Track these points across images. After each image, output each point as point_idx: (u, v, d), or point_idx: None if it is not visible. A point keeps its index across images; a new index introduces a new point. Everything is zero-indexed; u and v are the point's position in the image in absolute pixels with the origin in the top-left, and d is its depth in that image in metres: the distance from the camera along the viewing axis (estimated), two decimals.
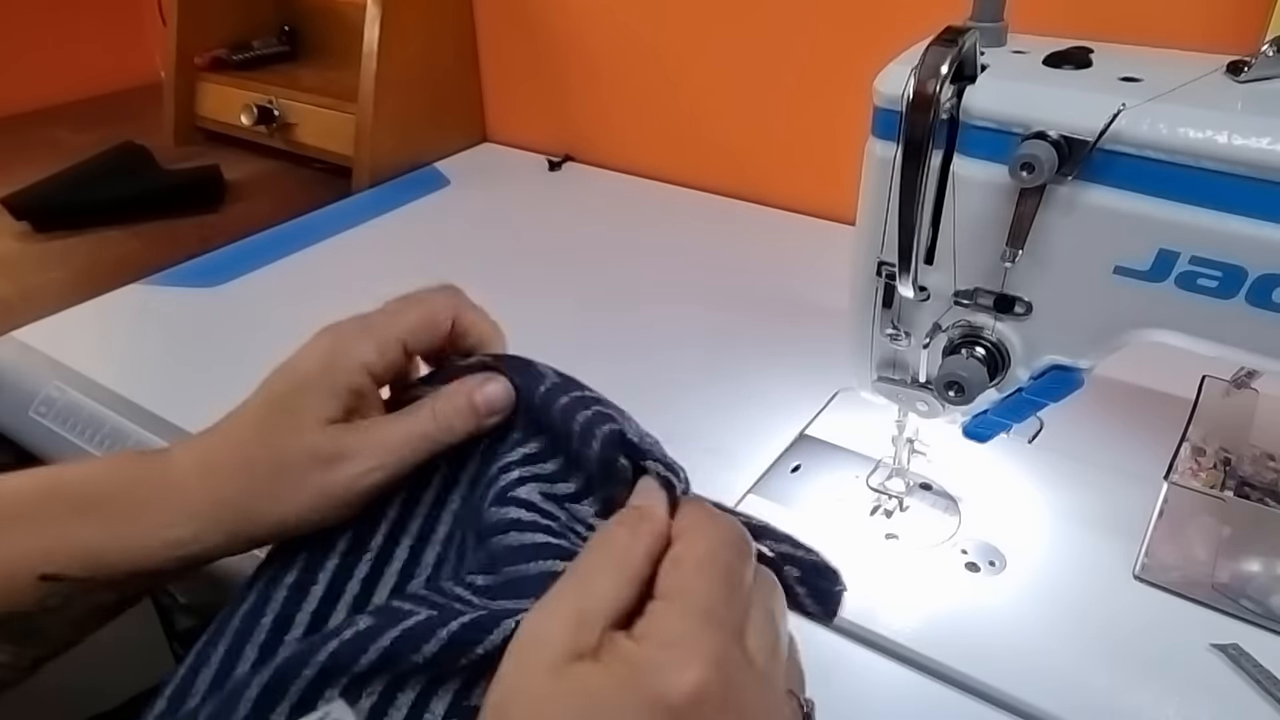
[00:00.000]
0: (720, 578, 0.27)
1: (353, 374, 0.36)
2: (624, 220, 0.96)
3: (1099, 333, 0.40)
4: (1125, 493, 0.52)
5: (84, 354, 0.71)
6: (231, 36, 1.19)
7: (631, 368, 0.69)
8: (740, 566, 0.28)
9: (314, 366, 0.36)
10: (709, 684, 0.24)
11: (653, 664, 0.25)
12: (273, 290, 0.82)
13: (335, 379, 0.36)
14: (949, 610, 0.47)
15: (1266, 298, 0.35)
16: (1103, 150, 0.35)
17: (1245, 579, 0.47)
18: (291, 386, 0.36)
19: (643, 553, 0.28)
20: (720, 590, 0.27)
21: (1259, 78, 0.36)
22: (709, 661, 0.25)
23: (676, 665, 0.24)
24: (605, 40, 1.03)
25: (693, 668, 0.24)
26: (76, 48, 1.38)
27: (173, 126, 1.19)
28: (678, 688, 0.24)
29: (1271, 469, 0.52)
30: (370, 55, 1.00)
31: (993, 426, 0.47)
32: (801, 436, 0.59)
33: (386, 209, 0.97)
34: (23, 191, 0.95)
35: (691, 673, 0.24)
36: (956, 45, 0.36)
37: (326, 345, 0.36)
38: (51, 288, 0.84)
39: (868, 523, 0.52)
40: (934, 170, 0.39)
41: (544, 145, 1.12)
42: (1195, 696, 0.42)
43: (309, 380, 0.36)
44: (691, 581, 0.27)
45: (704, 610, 0.26)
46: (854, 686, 0.44)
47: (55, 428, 0.66)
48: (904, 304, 0.44)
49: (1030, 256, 0.39)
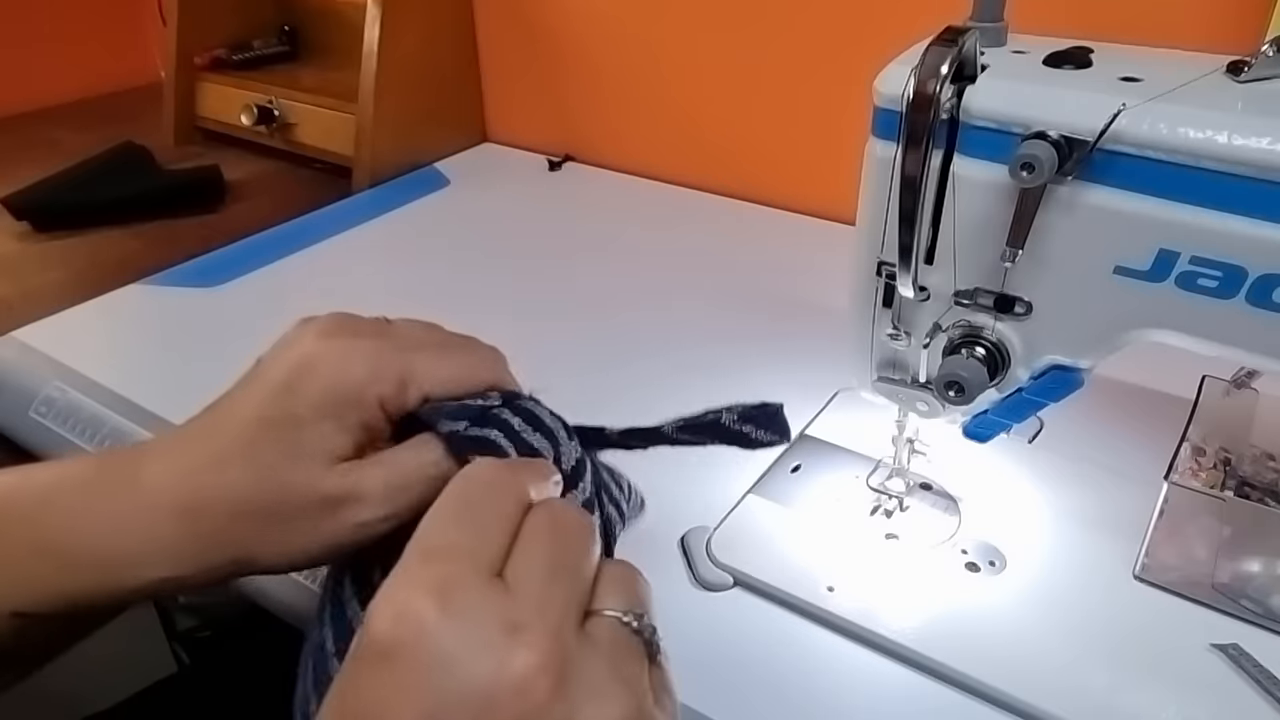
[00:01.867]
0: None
1: (366, 410, 0.32)
2: (624, 220, 0.96)
3: (1099, 333, 0.40)
4: (1125, 493, 0.52)
5: (84, 354, 0.71)
6: (231, 36, 1.19)
7: (631, 367, 0.69)
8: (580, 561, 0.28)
9: (318, 394, 0.32)
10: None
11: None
12: (273, 290, 0.82)
13: (346, 413, 0.32)
14: (949, 610, 0.47)
15: (1266, 298, 0.35)
16: (1103, 150, 0.35)
17: (1245, 579, 0.47)
18: (290, 412, 0.32)
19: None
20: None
21: (1259, 78, 0.36)
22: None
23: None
24: (605, 40, 1.03)
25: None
26: (76, 48, 1.38)
27: (173, 126, 1.19)
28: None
29: (1271, 469, 0.52)
30: (370, 55, 1.00)
31: (993, 426, 0.47)
32: (801, 436, 0.59)
33: (386, 209, 0.97)
34: (23, 191, 0.95)
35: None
36: (956, 45, 0.36)
37: (334, 367, 0.32)
38: (51, 288, 0.84)
39: (868, 523, 0.52)
40: (934, 170, 0.39)
41: (544, 145, 1.12)
42: (1195, 696, 0.42)
43: (311, 409, 0.32)
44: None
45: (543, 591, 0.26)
46: (854, 686, 0.44)
47: (55, 428, 0.66)
48: (904, 304, 0.44)
49: (1030, 256, 0.39)
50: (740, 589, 0.49)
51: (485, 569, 0.26)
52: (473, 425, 0.33)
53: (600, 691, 0.25)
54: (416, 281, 0.83)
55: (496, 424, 0.33)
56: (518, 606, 0.25)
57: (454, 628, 0.24)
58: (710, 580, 0.49)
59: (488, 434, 0.33)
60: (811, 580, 0.48)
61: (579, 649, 0.25)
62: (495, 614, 0.25)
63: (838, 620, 0.47)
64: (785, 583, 0.48)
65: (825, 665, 0.45)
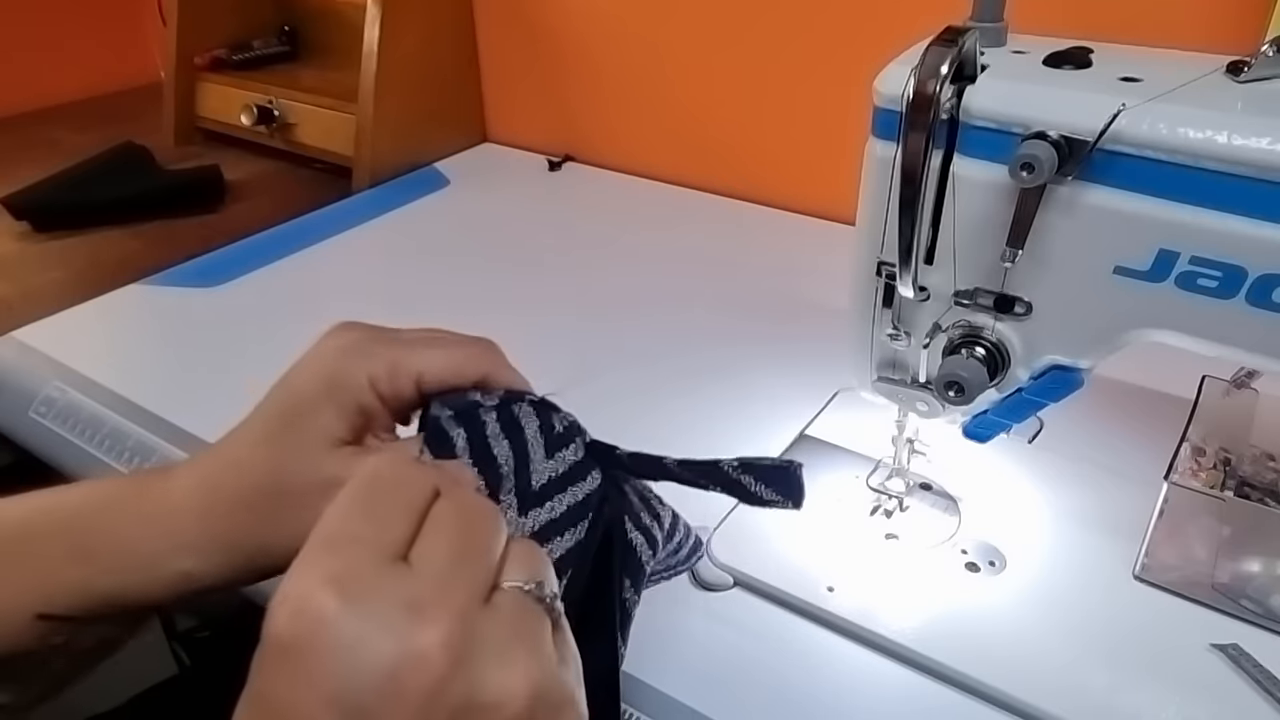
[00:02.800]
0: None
1: (359, 391, 0.33)
2: (624, 220, 0.96)
3: (1099, 333, 0.40)
4: (1125, 493, 0.52)
5: (84, 354, 0.71)
6: (231, 36, 1.19)
7: (631, 367, 0.69)
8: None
9: (316, 382, 0.33)
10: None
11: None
12: (273, 290, 0.82)
13: (340, 396, 0.33)
14: (949, 610, 0.47)
15: (1266, 298, 0.35)
16: (1103, 150, 0.35)
17: (1245, 579, 0.47)
18: (293, 403, 0.34)
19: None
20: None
21: (1259, 78, 0.36)
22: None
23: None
24: (605, 40, 1.03)
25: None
26: (76, 48, 1.38)
27: (173, 126, 1.19)
28: None
29: (1271, 469, 0.52)
30: (370, 55, 1.00)
31: (993, 426, 0.47)
32: (801, 436, 0.59)
33: (386, 209, 0.97)
34: (23, 191, 0.95)
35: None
36: (956, 45, 0.36)
37: (330, 358, 0.34)
38: (51, 288, 0.84)
39: (868, 523, 0.52)
40: (934, 170, 0.39)
41: (544, 145, 1.12)
42: (1195, 696, 0.42)
43: (311, 397, 0.33)
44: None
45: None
46: (854, 686, 0.44)
47: (55, 428, 0.66)
48: (904, 304, 0.44)
49: (1030, 256, 0.39)
50: (740, 589, 0.49)
51: (386, 555, 0.26)
52: (454, 418, 0.33)
53: (505, 657, 0.25)
54: (416, 281, 0.83)
55: (469, 424, 0.33)
56: (419, 586, 0.25)
57: (354, 613, 0.24)
58: (710, 580, 0.49)
59: (454, 434, 0.33)
60: (811, 580, 0.48)
61: (482, 620, 0.26)
62: (396, 596, 0.25)
63: (838, 620, 0.47)
64: (785, 583, 0.48)
65: (825, 665, 0.45)
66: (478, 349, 0.36)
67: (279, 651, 0.25)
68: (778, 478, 0.33)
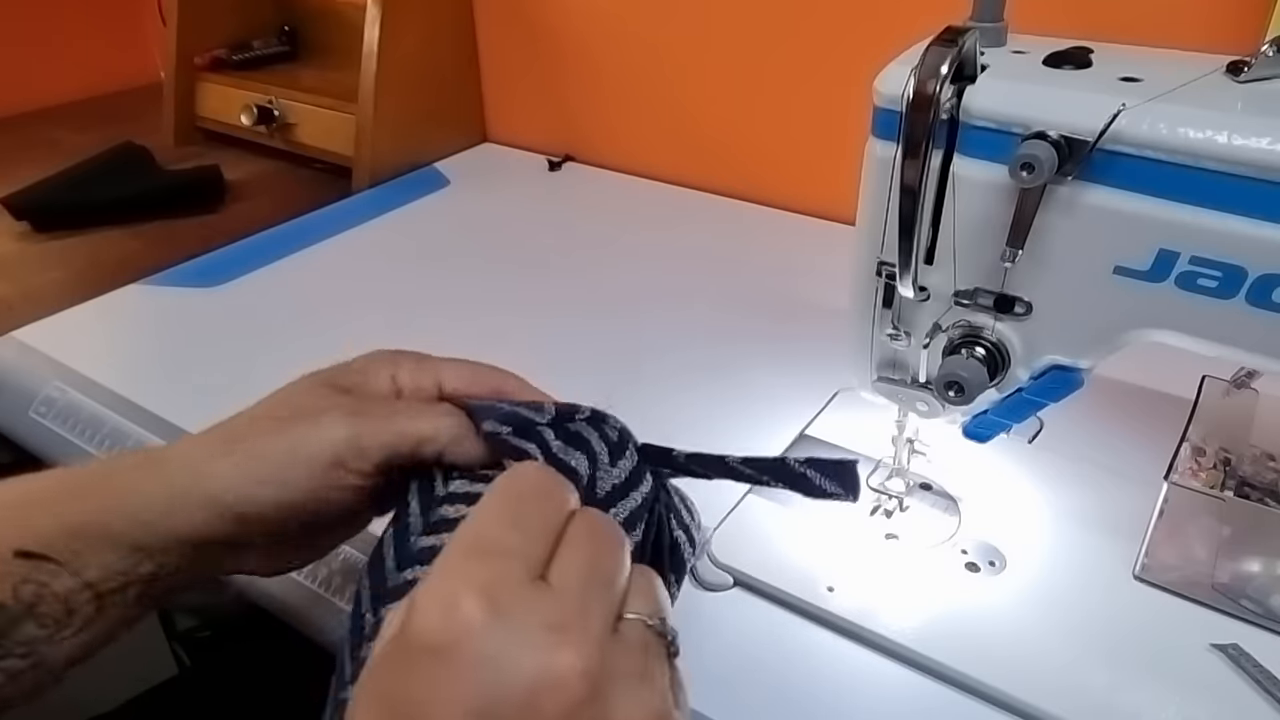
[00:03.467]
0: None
1: (376, 456, 0.35)
2: (624, 220, 0.96)
3: (1099, 333, 0.40)
4: (1125, 493, 0.52)
5: (84, 354, 0.71)
6: (231, 36, 1.19)
7: (631, 367, 0.69)
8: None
9: (328, 456, 0.35)
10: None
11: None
12: (273, 290, 0.82)
13: (354, 467, 0.35)
14: (949, 610, 0.47)
15: (1266, 298, 0.35)
16: (1103, 150, 0.35)
17: (1245, 579, 0.47)
18: (300, 456, 0.35)
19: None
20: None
21: (1259, 78, 0.36)
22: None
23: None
24: (605, 40, 1.03)
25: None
26: (76, 48, 1.38)
27: (173, 126, 1.19)
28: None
29: (1271, 469, 0.52)
30: (370, 55, 1.00)
31: (993, 426, 0.47)
32: (801, 436, 0.59)
33: (386, 209, 0.97)
34: (23, 191, 0.95)
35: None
36: (956, 45, 0.36)
37: (345, 435, 0.35)
38: (51, 288, 0.84)
39: (868, 523, 0.52)
40: (934, 170, 0.39)
41: (544, 145, 1.12)
42: (1195, 696, 0.42)
43: (321, 459, 0.35)
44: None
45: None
46: (854, 686, 0.44)
47: (55, 428, 0.66)
48: (904, 304, 0.44)
49: (1030, 256, 0.39)
50: (740, 589, 0.49)
51: (531, 570, 0.27)
52: (515, 434, 0.34)
53: (631, 691, 0.26)
54: (416, 282, 0.83)
55: (536, 439, 0.34)
56: (560, 609, 0.26)
57: (501, 627, 0.25)
58: (710, 580, 0.49)
59: (527, 447, 0.34)
60: (811, 580, 0.48)
61: (613, 650, 0.26)
62: (539, 615, 0.25)
63: (838, 620, 0.47)
64: (785, 583, 0.48)
65: (825, 665, 0.45)
66: (491, 367, 0.38)
67: (425, 650, 0.25)
68: (838, 472, 0.35)
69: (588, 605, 0.26)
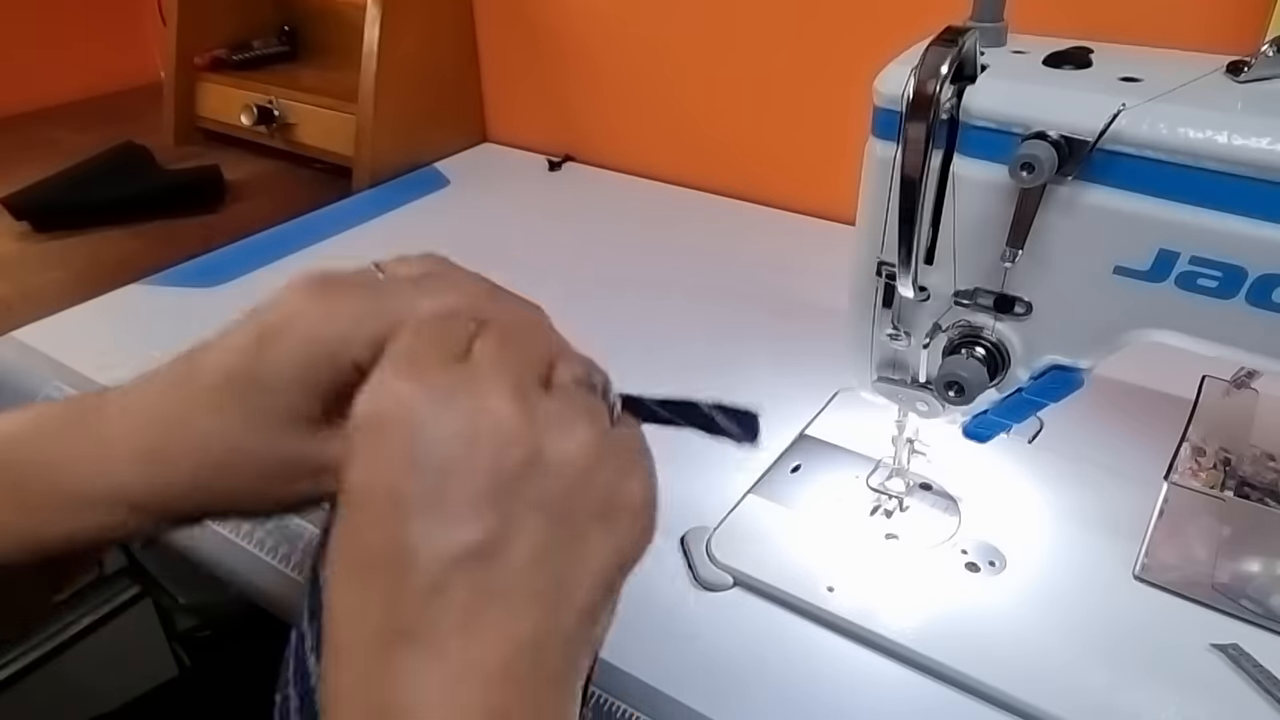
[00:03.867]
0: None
1: (340, 372, 0.30)
2: (624, 220, 0.96)
3: (1099, 333, 0.40)
4: (1125, 493, 0.52)
5: (84, 354, 0.71)
6: (231, 36, 1.19)
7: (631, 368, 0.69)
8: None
9: (291, 358, 0.30)
10: None
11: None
12: (273, 290, 0.82)
13: (317, 377, 0.30)
14: (949, 610, 0.47)
15: (1266, 298, 0.35)
16: (1103, 150, 0.35)
17: (1245, 579, 0.47)
18: (258, 377, 0.30)
19: None
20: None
21: (1259, 78, 0.36)
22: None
23: None
24: (605, 40, 1.03)
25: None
26: (76, 48, 1.38)
27: (173, 126, 1.19)
28: None
29: (1271, 469, 0.52)
30: (370, 55, 1.00)
31: (993, 426, 0.47)
32: (801, 436, 0.59)
33: (386, 209, 0.97)
34: (23, 191, 0.95)
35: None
36: (956, 45, 0.36)
37: (311, 332, 0.30)
38: (51, 288, 0.84)
39: (868, 523, 0.52)
40: (934, 170, 0.39)
41: (544, 145, 1.12)
42: (1195, 696, 0.42)
43: (282, 375, 0.30)
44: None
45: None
46: (854, 686, 0.44)
47: None
48: (904, 304, 0.44)
49: (1030, 256, 0.39)
50: (740, 589, 0.49)
51: (452, 355, 0.28)
52: None
53: (568, 423, 0.27)
54: None
55: None
56: (483, 370, 0.27)
57: (427, 385, 0.26)
58: (710, 580, 0.49)
59: None
60: (811, 580, 0.48)
61: (542, 400, 0.28)
62: (464, 375, 0.27)
63: (838, 620, 0.47)
64: (785, 583, 0.48)
65: (825, 665, 0.45)
66: (477, 288, 0.34)
67: (358, 435, 0.26)
68: (742, 420, 0.37)
69: (508, 364, 0.28)
